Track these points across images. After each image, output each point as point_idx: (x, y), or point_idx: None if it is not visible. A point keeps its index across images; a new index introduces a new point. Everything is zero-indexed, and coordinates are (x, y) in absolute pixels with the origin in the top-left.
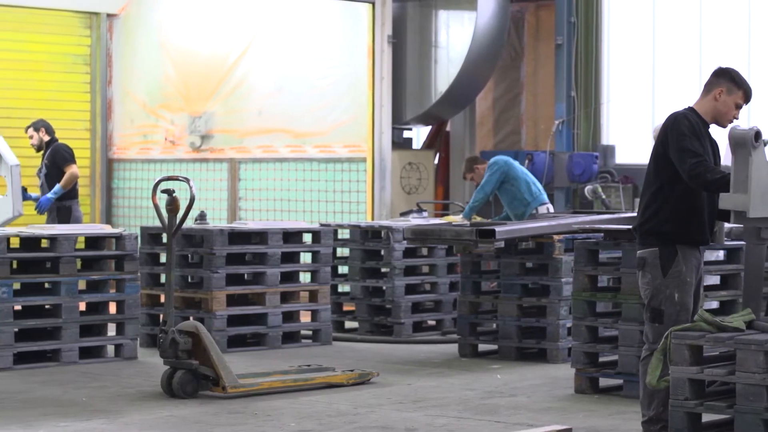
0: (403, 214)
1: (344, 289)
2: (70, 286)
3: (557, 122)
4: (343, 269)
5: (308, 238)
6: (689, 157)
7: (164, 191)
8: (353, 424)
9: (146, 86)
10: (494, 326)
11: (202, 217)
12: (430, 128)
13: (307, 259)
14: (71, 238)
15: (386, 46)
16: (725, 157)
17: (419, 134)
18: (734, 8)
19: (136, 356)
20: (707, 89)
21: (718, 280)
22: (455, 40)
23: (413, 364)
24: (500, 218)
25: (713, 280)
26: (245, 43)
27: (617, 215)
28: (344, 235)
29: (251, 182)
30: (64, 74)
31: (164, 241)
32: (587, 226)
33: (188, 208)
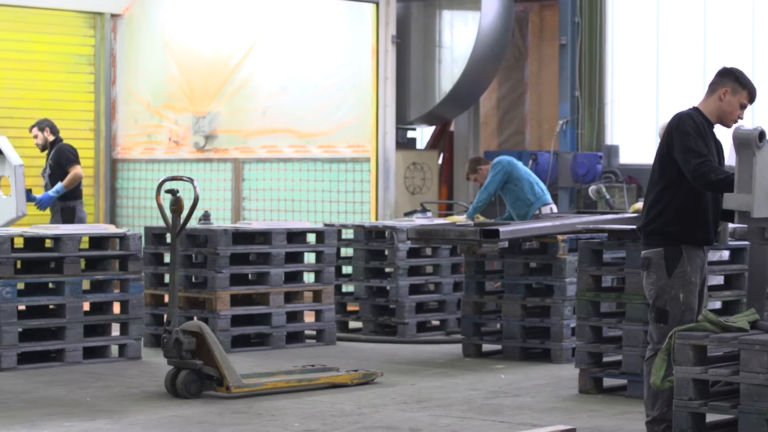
0: (407, 214)
1: (348, 289)
2: (74, 286)
3: (561, 122)
4: (347, 269)
5: (312, 238)
6: (693, 157)
7: (168, 191)
8: (357, 424)
9: (150, 86)
10: (498, 326)
11: (206, 217)
12: (434, 128)
13: (311, 259)
14: (75, 238)
15: (390, 46)
16: (729, 157)
17: (423, 134)
18: (738, 8)
19: (140, 356)
20: (712, 89)
21: (721, 280)
22: (459, 40)
23: (417, 364)
24: (503, 218)
25: (717, 280)
26: (249, 43)
27: (621, 215)
28: (348, 235)
29: (255, 182)
30: (68, 74)
31: (168, 241)
32: (591, 226)
33: (192, 208)
